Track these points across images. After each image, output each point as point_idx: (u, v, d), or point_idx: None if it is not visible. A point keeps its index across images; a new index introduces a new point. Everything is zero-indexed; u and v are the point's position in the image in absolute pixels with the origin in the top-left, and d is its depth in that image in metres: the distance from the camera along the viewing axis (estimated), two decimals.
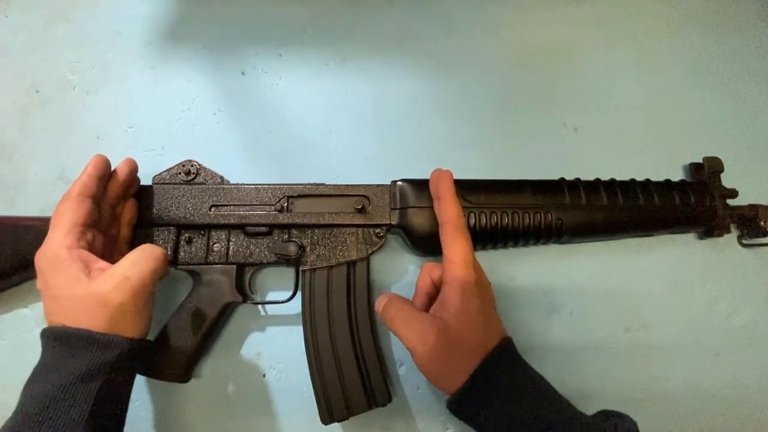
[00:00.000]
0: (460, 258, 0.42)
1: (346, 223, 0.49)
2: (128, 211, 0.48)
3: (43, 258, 0.40)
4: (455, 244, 0.43)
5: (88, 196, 0.43)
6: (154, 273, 0.41)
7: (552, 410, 0.38)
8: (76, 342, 0.37)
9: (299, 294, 0.50)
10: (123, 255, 0.42)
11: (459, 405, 0.40)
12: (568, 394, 0.50)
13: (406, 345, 0.41)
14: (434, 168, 0.57)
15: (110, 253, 0.46)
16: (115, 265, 0.40)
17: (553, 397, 0.40)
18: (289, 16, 0.63)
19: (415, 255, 0.54)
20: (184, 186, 0.50)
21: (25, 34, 0.63)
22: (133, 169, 0.49)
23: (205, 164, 0.52)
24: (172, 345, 0.47)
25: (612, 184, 0.52)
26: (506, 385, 0.39)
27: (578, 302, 0.53)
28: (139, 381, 0.49)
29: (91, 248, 0.42)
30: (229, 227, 0.50)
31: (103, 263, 0.41)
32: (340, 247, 0.49)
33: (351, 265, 0.49)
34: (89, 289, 0.38)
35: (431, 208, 0.49)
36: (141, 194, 0.50)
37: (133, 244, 0.49)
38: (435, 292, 0.45)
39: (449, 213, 0.45)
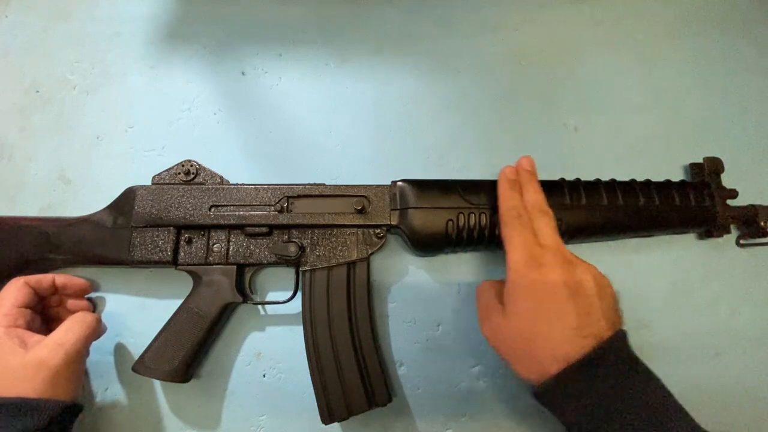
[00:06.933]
0: (511, 259, 0.42)
1: (346, 223, 0.49)
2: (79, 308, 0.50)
3: None
4: (508, 242, 0.44)
5: (31, 286, 0.46)
6: (86, 339, 0.45)
7: None
8: (10, 408, 0.38)
9: (299, 294, 0.50)
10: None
11: (541, 397, 0.40)
12: None
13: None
14: (434, 168, 0.57)
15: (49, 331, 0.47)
16: (51, 334, 0.43)
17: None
18: (289, 16, 0.63)
19: (415, 255, 0.54)
20: (183, 186, 0.50)
21: (25, 34, 0.63)
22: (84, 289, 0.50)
23: (205, 164, 0.52)
24: (172, 345, 0.47)
25: (612, 184, 0.52)
26: (600, 394, 0.38)
27: None
28: (140, 381, 0.50)
29: (29, 328, 0.45)
30: (229, 227, 0.50)
31: (38, 336, 0.44)
32: (340, 248, 0.49)
33: (351, 265, 0.49)
34: (25, 358, 0.41)
35: (431, 208, 0.49)
36: (140, 195, 0.50)
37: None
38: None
39: (501, 205, 0.46)
